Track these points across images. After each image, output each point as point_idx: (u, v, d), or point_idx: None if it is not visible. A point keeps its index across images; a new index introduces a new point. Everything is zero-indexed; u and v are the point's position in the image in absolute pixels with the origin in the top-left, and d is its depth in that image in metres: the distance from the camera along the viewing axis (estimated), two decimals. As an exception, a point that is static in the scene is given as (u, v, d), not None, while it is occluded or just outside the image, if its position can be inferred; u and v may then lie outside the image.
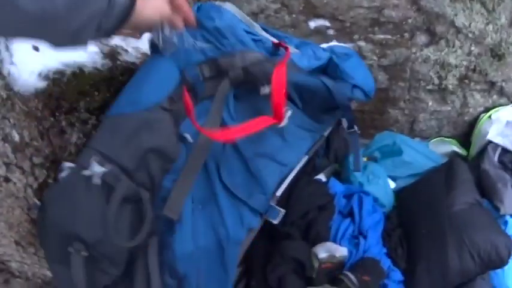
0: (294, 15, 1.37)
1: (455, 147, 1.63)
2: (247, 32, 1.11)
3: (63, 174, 0.98)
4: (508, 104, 1.63)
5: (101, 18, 0.73)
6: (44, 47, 1.22)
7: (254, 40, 1.11)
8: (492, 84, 1.59)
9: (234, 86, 1.07)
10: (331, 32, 1.41)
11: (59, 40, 0.72)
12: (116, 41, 1.28)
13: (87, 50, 1.24)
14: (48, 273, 1.29)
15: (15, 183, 1.12)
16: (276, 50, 1.12)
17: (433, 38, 1.49)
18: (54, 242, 1.00)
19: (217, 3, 1.20)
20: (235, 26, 1.10)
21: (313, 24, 1.39)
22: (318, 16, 1.38)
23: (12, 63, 1.16)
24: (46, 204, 1.01)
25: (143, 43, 1.30)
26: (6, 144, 1.08)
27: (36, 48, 1.22)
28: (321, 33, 1.40)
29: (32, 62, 1.17)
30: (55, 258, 1.02)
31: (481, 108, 1.62)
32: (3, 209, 1.13)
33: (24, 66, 1.16)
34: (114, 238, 0.90)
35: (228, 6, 1.15)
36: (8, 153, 1.09)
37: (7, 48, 1.19)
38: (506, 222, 1.39)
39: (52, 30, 0.69)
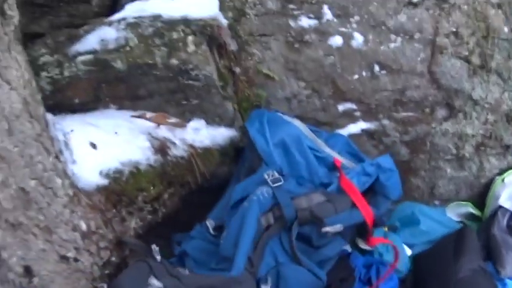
0: (324, 100, 1.48)
1: (471, 209, 1.73)
2: (311, 148, 1.23)
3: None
4: (522, 165, 1.72)
5: None
6: (101, 144, 1.39)
7: (316, 157, 1.23)
8: (507, 147, 1.69)
9: (300, 225, 1.19)
10: (357, 113, 1.52)
11: None
12: (164, 132, 1.41)
13: (140, 145, 1.39)
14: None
15: (83, 262, 1.29)
16: (335, 166, 1.25)
17: (452, 112, 1.59)
18: None
19: (285, 117, 1.32)
20: (300, 141, 1.22)
21: (341, 107, 1.50)
22: (346, 100, 1.50)
23: (73, 162, 1.26)
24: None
25: (189, 133, 1.44)
26: (76, 233, 1.22)
27: (93, 146, 1.35)
28: (348, 115, 1.52)
29: (91, 160, 1.29)
30: None
31: (497, 170, 1.72)
32: (70, 280, 1.30)
33: (84, 164, 1.28)
34: None
35: (297, 123, 1.27)
36: (77, 240, 1.23)
37: (67, 146, 1.28)
38: (505, 285, 1.54)
39: None
